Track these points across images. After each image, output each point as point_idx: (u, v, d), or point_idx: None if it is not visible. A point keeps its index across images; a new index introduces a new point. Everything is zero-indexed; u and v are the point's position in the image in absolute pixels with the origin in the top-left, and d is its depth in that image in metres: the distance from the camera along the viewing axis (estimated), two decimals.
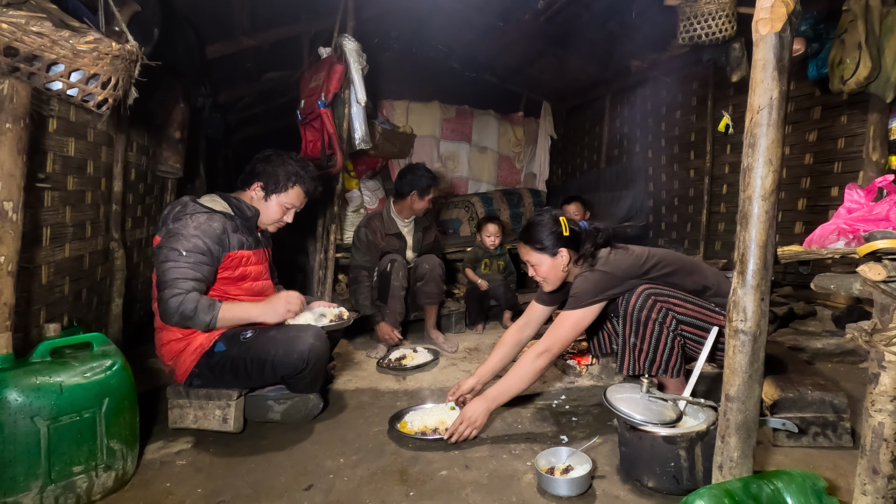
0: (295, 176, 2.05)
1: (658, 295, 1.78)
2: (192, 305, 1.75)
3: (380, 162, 4.65)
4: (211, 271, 1.87)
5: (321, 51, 3.56)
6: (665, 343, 1.79)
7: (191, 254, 1.80)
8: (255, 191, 2.04)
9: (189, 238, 1.81)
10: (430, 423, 1.95)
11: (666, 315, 1.77)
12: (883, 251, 1.06)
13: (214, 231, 1.86)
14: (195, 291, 1.78)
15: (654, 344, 1.79)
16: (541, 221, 1.96)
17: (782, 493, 1.15)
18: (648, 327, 1.78)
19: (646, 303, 1.77)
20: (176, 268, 1.77)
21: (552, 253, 1.92)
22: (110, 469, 1.54)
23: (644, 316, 1.77)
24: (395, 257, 2.99)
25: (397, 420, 1.97)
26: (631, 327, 1.80)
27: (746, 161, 1.20)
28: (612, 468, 1.63)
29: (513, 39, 4.38)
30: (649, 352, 1.80)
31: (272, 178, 2.03)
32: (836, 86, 2.50)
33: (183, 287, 1.76)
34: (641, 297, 1.78)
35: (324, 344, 1.92)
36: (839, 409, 1.70)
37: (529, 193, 5.24)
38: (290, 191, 2.06)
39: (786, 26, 1.16)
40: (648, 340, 1.79)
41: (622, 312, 1.83)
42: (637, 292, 1.79)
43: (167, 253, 1.79)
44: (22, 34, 1.29)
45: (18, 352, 1.47)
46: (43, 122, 1.90)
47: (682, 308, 1.80)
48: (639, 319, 1.78)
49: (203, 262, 1.82)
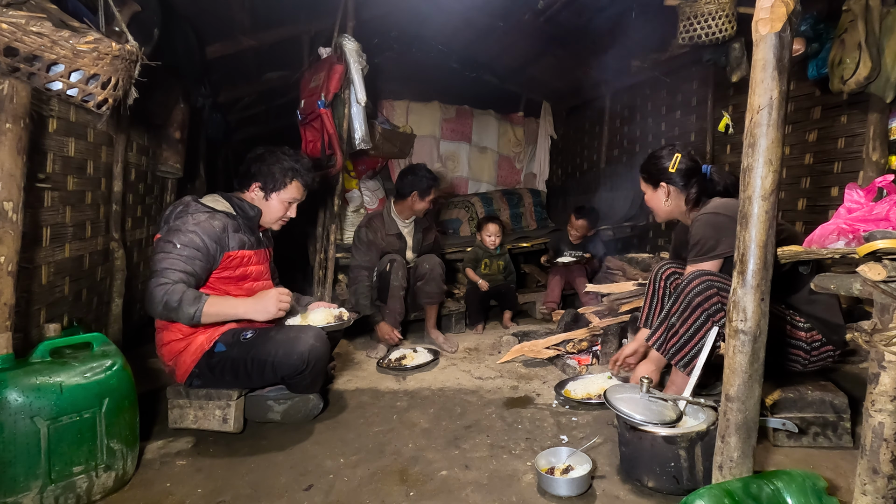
0: (291, 171, 2.05)
1: (722, 289, 1.67)
2: (178, 297, 1.72)
3: (380, 162, 4.65)
4: (204, 268, 1.85)
5: (321, 51, 3.56)
6: (702, 338, 1.70)
7: (185, 247, 1.80)
8: (255, 191, 2.05)
9: (186, 233, 1.81)
10: (594, 390, 2.15)
11: (719, 310, 1.67)
12: (883, 251, 1.06)
13: (214, 230, 1.86)
14: (182, 283, 1.76)
15: (692, 334, 1.71)
16: (655, 153, 2.00)
17: (782, 493, 1.15)
18: (696, 314, 1.70)
19: (705, 290, 1.68)
20: (167, 258, 1.77)
21: (654, 185, 1.98)
22: (110, 469, 1.54)
23: (696, 302, 1.69)
24: (394, 257, 2.99)
25: (561, 388, 2.19)
26: (679, 306, 1.74)
27: (746, 161, 1.20)
28: (612, 468, 1.63)
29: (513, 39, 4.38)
30: (682, 337, 1.74)
31: (269, 176, 2.03)
32: (836, 86, 2.50)
33: (171, 277, 1.75)
34: (703, 284, 1.69)
35: (324, 345, 1.92)
36: (839, 409, 1.70)
37: (529, 193, 5.24)
38: (290, 186, 2.06)
39: (786, 26, 1.16)
40: (688, 327, 1.72)
41: (679, 288, 1.76)
42: (701, 277, 1.71)
43: (162, 245, 1.80)
44: (22, 34, 1.29)
45: (18, 352, 1.47)
46: (43, 122, 1.90)
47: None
48: (690, 303, 1.70)
49: (196, 257, 1.82)
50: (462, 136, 5.21)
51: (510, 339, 3.02)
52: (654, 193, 2.00)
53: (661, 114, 4.55)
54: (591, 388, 2.17)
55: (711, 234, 1.76)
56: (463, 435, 1.89)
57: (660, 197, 1.98)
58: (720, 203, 1.83)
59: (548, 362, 2.66)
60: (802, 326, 1.74)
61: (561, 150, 5.89)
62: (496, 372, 2.58)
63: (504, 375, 2.53)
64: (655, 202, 2.01)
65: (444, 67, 4.83)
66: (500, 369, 2.62)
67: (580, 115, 5.62)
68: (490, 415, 2.06)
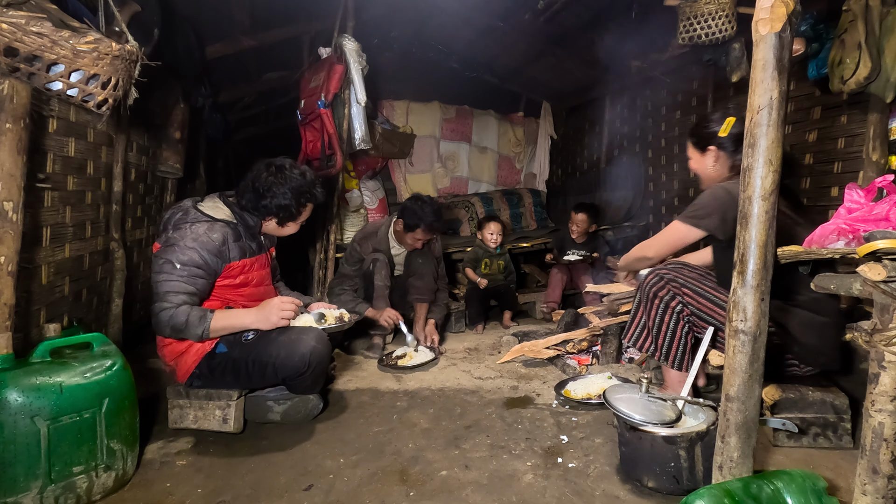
0: (304, 196, 2.02)
1: (671, 280, 1.79)
2: (183, 319, 1.74)
3: (380, 162, 4.65)
4: (206, 284, 1.85)
5: (321, 51, 3.56)
6: (668, 326, 1.79)
7: (185, 267, 1.78)
8: (270, 223, 2.03)
9: (185, 251, 1.78)
10: (594, 390, 2.14)
11: (673, 298, 1.78)
12: (883, 251, 1.06)
13: (214, 243, 1.83)
14: (186, 305, 1.77)
15: (658, 323, 1.81)
16: (706, 116, 1.97)
17: (782, 493, 1.15)
18: (654, 304, 1.81)
19: (657, 282, 1.81)
20: (168, 281, 1.76)
21: (702, 149, 1.93)
22: (110, 469, 1.54)
23: (652, 293, 1.81)
24: (377, 256, 2.94)
25: (561, 388, 2.19)
26: (639, 302, 1.87)
27: (746, 161, 1.20)
28: (612, 468, 1.63)
29: (513, 39, 4.38)
30: (653, 330, 1.83)
31: (285, 211, 1.99)
32: (836, 86, 2.50)
33: (173, 301, 1.75)
34: (655, 277, 1.81)
35: (325, 346, 1.92)
36: (839, 409, 1.69)
37: (529, 193, 5.24)
38: (305, 210, 2.07)
39: (786, 26, 1.16)
40: (653, 318, 1.81)
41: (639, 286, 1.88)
42: (653, 272, 1.83)
43: (162, 265, 1.78)
44: (22, 34, 1.30)
45: (18, 352, 1.47)
46: (43, 122, 1.90)
47: (695, 300, 1.77)
48: (648, 297, 1.83)
49: (197, 275, 1.81)
50: (462, 136, 5.21)
51: (510, 339, 3.02)
52: (701, 157, 1.94)
53: (661, 114, 4.55)
54: (591, 388, 2.17)
55: (709, 205, 1.74)
56: (463, 435, 1.89)
57: (707, 161, 1.92)
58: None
59: (548, 362, 2.66)
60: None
61: (561, 150, 5.89)
62: (496, 372, 2.58)
63: (504, 375, 2.53)
64: (701, 166, 1.95)
65: (444, 67, 4.83)
66: (500, 369, 2.62)
67: (580, 115, 5.62)
68: (490, 415, 2.06)
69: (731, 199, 1.67)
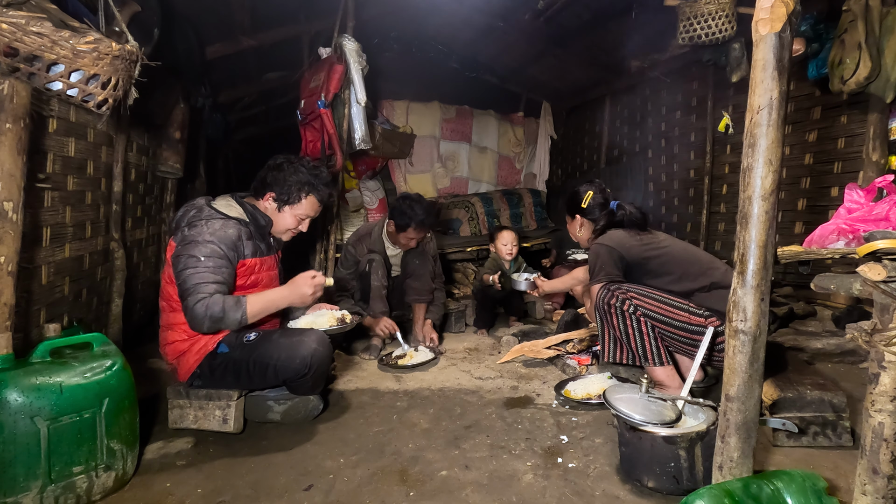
0: (308, 185, 2.00)
1: (618, 289, 1.97)
2: (219, 307, 1.71)
3: (380, 162, 4.65)
4: (231, 274, 1.84)
5: (321, 51, 3.56)
6: (632, 328, 1.95)
7: (209, 258, 1.76)
8: (268, 201, 2.01)
9: (205, 244, 1.78)
10: (593, 390, 2.16)
11: (623, 302, 1.95)
12: (883, 251, 1.06)
13: (230, 238, 1.83)
14: (218, 294, 1.74)
15: (623, 329, 1.96)
16: (575, 189, 2.34)
17: (782, 493, 1.15)
18: (612, 314, 1.98)
19: (606, 294, 1.98)
20: (196, 273, 1.74)
21: (571, 216, 2.37)
22: (110, 469, 1.54)
23: (606, 305, 1.98)
24: (373, 257, 2.92)
25: (561, 388, 2.22)
26: (600, 319, 2.03)
27: (746, 161, 1.20)
28: (612, 468, 1.63)
29: (513, 39, 4.38)
30: (622, 338, 1.99)
31: (284, 188, 1.98)
32: (836, 86, 2.50)
33: (206, 290, 1.73)
34: (603, 290, 2.00)
35: (326, 348, 1.91)
36: (839, 408, 1.70)
37: (529, 193, 5.24)
38: (304, 201, 2.02)
39: (786, 26, 1.16)
40: (617, 327, 1.98)
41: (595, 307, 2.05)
42: (602, 286, 2.01)
43: (185, 261, 1.76)
44: (22, 34, 1.30)
45: (18, 352, 1.47)
46: (43, 122, 1.90)
47: (641, 301, 1.93)
48: (603, 310, 2.00)
49: (222, 265, 1.79)
50: (462, 136, 5.21)
51: (510, 339, 3.02)
52: (571, 223, 2.39)
53: (661, 114, 4.56)
54: (590, 389, 2.18)
55: (595, 263, 2.08)
56: (463, 435, 1.89)
57: (575, 227, 2.37)
58: (608, 235, 2.13)
59: (548, 362, 2.66)
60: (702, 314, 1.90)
61: (561, 150, 5.90)
62: (496, 372, 2.58)
63: (504, 375, 2.53)
64: (572, 230, 2.39)
65: (444, 67, 4.83)
66: (500, 369, 2.62)
67: (580, 115, 5.62)
68: (490, 415, 2.06)
69: (607, 249, 2.05)
